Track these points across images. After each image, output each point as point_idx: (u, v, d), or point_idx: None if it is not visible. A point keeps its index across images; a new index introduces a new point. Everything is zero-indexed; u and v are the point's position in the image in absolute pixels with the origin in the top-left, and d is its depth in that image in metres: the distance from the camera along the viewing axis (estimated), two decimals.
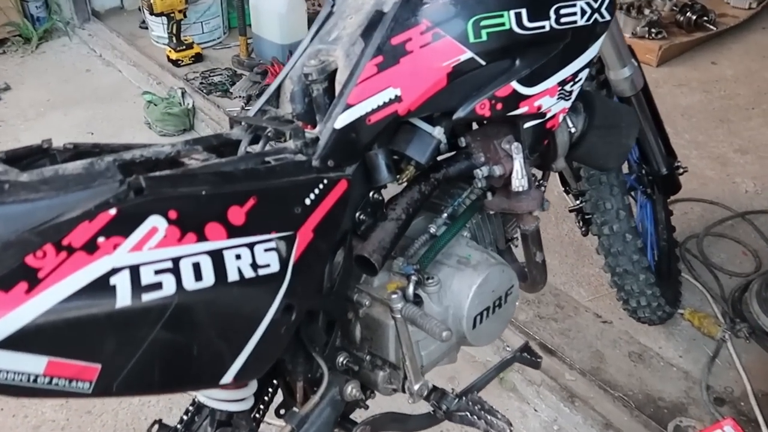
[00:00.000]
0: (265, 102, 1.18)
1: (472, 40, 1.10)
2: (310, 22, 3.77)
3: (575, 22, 1.19)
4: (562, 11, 1.17)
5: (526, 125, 1.21)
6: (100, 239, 0.73)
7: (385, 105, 1.05)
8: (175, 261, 0.78)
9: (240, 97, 3.46)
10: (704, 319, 2.03)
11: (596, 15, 1.22)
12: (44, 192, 0.74)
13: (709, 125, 3.15)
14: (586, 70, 1.25)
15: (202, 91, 3.56)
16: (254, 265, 0.85)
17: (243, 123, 1.10)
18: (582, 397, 1.84)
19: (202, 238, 0.81)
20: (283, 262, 0.89)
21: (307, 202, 0.94)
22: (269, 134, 1.07)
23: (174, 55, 3.85)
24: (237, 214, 0.86)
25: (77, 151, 0.97)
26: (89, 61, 4.23)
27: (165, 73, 3.78)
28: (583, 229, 1.87)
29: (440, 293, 1.17)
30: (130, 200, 0.77)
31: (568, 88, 1.23)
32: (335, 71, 1.09)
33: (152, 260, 0.76)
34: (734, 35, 3.96)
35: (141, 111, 3.52)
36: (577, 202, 1.84)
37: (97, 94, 3.84)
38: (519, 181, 1.20)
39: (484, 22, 1.10)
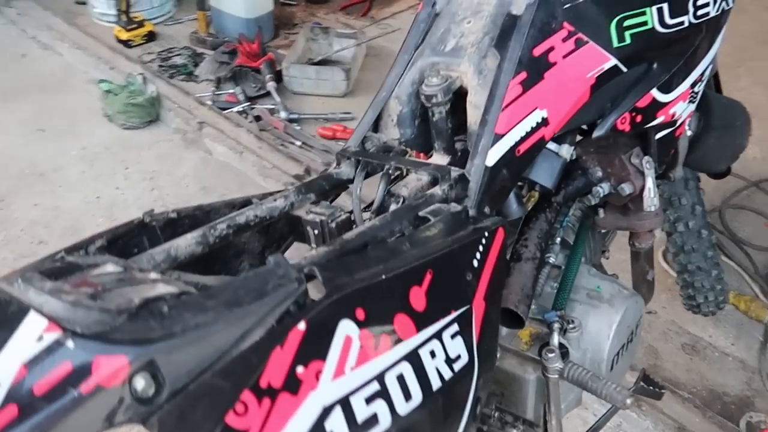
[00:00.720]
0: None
1: (615, 44, 0.94)
2: None
3: (709, 13, 1.05)
4: (699, 2, 1.02)
5: (658, 135, 1.06)
6: (299, 369, 0.55)
7: (533, 131, 0.89)
8: (380, 379, 0.61)
9: (208, 80, 3.17)
10: (750, 302, 1.96)
11: (723, 2, 1.08)
12: (213, 310, 0.54)
13: None
14: (711, 67, 1.11)
15: (163, 75, 3.25)
16: (448, 361, 0.69)
17: (353, 159, 0.92)
18: (648, 400, 1.74)
19: (396, 339, 0.64)
20: (469, 347, 0.73)
21: (475, 263, 0.77)
22: (389, 171, 0.89)
23: (124, 35, 3.50)
24: (418, 297, 0.68)
25: (179, 218, 0.77)
26: (23, 45, 3.82)
27: (117, 55, 3.43)
28: None
29: (579, 337, 1.02)
30: (311, 305, 0.59)
31: (696, 89, 1.09)
32: (458, 89, 0.91)
33: (359, 385, 0.59)
34: None
35: (94, 100, 3.18)
36: None
37: (40, 83, 3.45)
38: (651, 200, 1.07)
39: (627, 22, 0.95)
